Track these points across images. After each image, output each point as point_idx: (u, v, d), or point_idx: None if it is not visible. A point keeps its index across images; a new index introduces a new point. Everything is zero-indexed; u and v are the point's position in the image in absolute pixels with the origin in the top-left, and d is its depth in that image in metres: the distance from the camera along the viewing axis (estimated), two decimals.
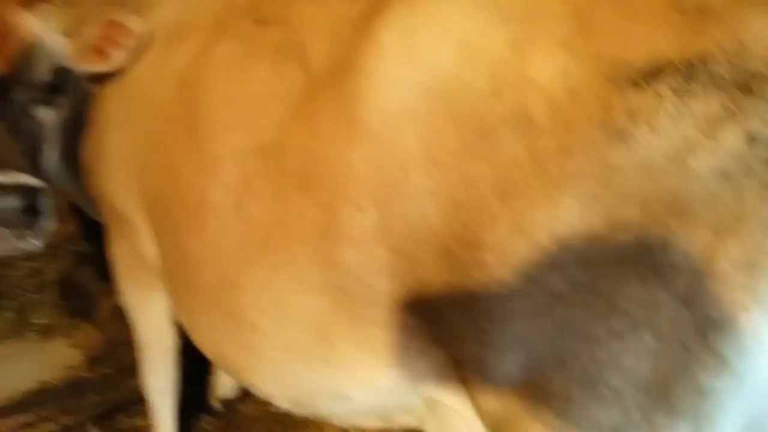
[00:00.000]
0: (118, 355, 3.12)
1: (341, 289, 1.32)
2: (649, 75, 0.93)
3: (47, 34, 1.91)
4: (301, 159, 1.36)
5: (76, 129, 2.23)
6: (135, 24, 1.88)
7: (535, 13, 1.10)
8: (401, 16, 1.21)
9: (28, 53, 1.84)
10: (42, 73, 1.87)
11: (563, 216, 0.98)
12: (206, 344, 1.73)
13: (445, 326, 1.22)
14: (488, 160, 1.08)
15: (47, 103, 1.91)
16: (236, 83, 1.52)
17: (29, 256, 3.81)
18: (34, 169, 1.76)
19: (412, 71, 1.17)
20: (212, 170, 1.50)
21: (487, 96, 1.08)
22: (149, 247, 2.01)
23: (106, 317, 3.10)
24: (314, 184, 1.33)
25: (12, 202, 1.58)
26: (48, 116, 1.92)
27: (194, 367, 2.55)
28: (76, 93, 2.17)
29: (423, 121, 1.16)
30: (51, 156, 1.93)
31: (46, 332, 3.44)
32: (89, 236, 2.93)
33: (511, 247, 1.05)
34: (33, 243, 1.71)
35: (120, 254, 2.18)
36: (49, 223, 1.71)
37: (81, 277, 3.57)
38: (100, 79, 2.02)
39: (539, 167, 1.01)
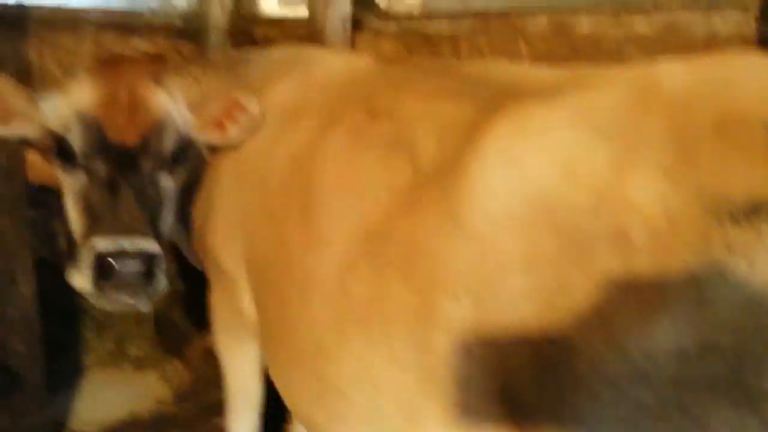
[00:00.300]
0: (205, 394, 3.29)
1: (433, 372, 1.40)
2: (750, 211, 0.98)
3: (174, 107, 2.09)
4: (403, 247, 1.47)
5: (189, 190, 2.46)
6: (252, 104, 2.08)
7: (637, 135, 1.18)
8: (506, 130, 1.31)
9: (158, 126, 2.00)
10: (168, 144, 2.02)
11: (656, 335, 1.04)
12: (295, 403, 1.84)
13: (532, 421, 1.27)
14: (585, 272, 1.15)
15: (170, 172, 2.05)
16: (347, 171, 1.67)
17: None
18: (155, 234, 1.89)
19: (514, 181, 1.27)
20: (321, 248, 1.64)
21: (586, 212, 1.16)
22: (247, 304, 2.17)
23: (196, 356, 3.28)
24: (414, 271, 1.43)
25: (133, 267, 1.70)
26: (168, 183, 2.06)
27: (274, 416, 2.67)
28: (192, 160, 2.39)
29: (523, 227, 1.25)
30: (168, 215, 2.07)
31: (140, 364, 3.67)
32: (186, 277, 3.14)
33: (602, 358, 1.11)
34: (146, 304, 1.84)
35: (219, 305, 2.36)
36: (164, 287, 1.83)
37: (175, 315, 3.81)
38: (215, 147, 2.23)
39: (635, 285, 1.08)
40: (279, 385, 1.91)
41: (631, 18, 2.02)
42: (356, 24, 3.14)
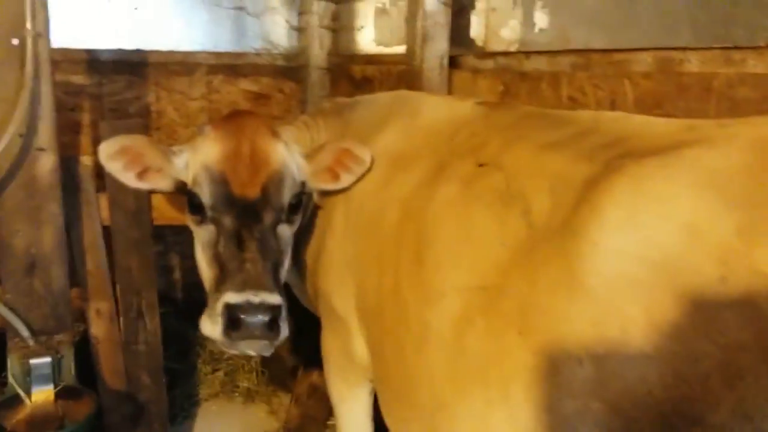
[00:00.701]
0: (311, 430, 3.39)
1: None
2: None
3: (291, 158, 2.17)
4: (519, 303, 1.47)
5: (302, 231, 2.56)
6: (364, 153, 2.16)
7: (763, 199, 1.15)
8: (626, 190, 1.30)
9: (277, 178, 2.07)
10: (286, 195, 2.08)
11: None
12: None
13: None
14: (713, 340, 1.12)
15: (288, 221, 2.11)
16: (460, 223, 1.69)
17: None
18: (277, 283, 1.94)
19: (635, 244, 1.25)
20: (436, 300, 1.67)
21: (713, 280, 1.13)
22: (359, 348, 2.22)
23: (303, 392, 3.39)
24: (532, 329, 1.43)
25: (259, 320, 1.78)
26: (287, 233, 2.12)
27: None
28: (306, 206, 2.50)
29: (646, 290, 1.23)
30: (286, 263, 2.13)
31: (250, 396, 3.83)
32: (294, 312, 3.25)
33: (729, 427, 1.08)
34: (268, 351, 1.92)
35: (331, 348, 2.42)
36: (286, 334, 1.90)
37: (281, 349, 3.95)
38: (326, 192, 2.31)
39: (766, 355, 1.05)
40: None
41: (744, 55, 1.93)
42: (453, 61, 3.18)
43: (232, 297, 1.81)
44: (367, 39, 4.10)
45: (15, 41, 2.34)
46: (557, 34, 2.62)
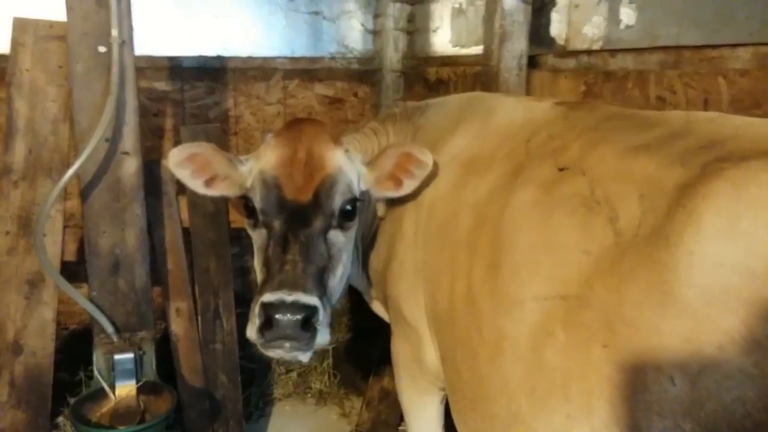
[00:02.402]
0: None
1: None
2: None
3: (349, 165, 2.12)
4: (604, 315, 1.39)
5: (370, 237, 2.54)
6: (425, 156, 2.08)
7: None
8: (727, 199, 1.19)
9: (330, 183, 2.02)
10: (338, 202, 2.02)
11: None
12: None
13: None
14: None
15: (340, 227, 2.05)
16: (539, 230, 1.61)
17: None
18: (319, 288, 1.88)
19: (737, 254, 1.15)
20: (512, 309, 1.60)
21: None
22: (430, 356, 2.17)
23: (375, 396, 3.37)
24: (618, 343, 1.34)
25: (291, 318, 1.74)
26: (338, 239, 2.05)
27: None
28: (369, 212, 2.46)
29: (747, 303, 1.13)
30: (337, 269, 2.06)
31: (321, 397, 3.85)
32: (365, 317, 3.24)
33: None
34: (304, 355, 1.86)
35: (402, 354, 2.38)
36: (324, 339, 1.84)
37: (353, 351, 3.96)
38: (392, 201, 2.26)
39: None
40: None
41: None
42: (531, 61, 3.08)
43: (267, 296, 1.78)
44: (442, 40, 4.05)
45: (102, 49, 2.43)
46: (645, 31, 2.48)
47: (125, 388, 2.55)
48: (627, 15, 2.56)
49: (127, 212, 2.59)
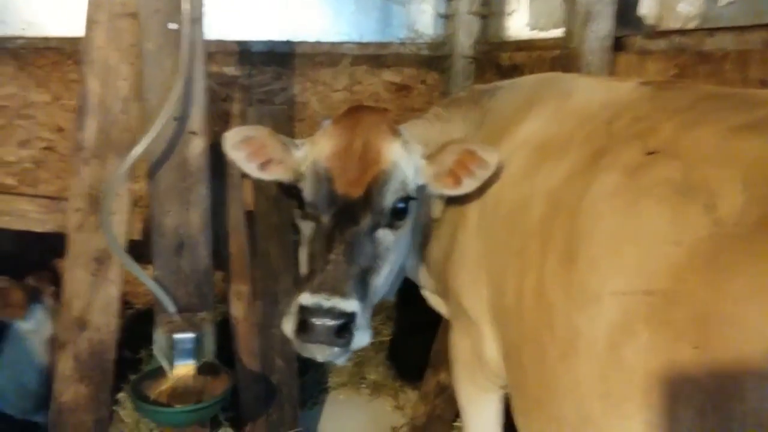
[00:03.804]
0: (437, 430, 3.27)
1: None
2: None
3: (407, 159, 2.01)
4: (696, 313, 1.24)
5: (432, 229, 2.42)
6: (491, 156, 1.94)
7: None
8: None
9: (383, 179, 1.92)
10: (390, 200, 1.93)
11: None
12: None
13: None
14: None
15: (391, 226, 1.96)
16: (623, 219, 1.47)
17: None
18: (360, 291, 1.79)
19: None
20: (588, 305, 1.47)
21: None
22: (490, 352, 2.04)
23: (431, 391, 3.27)
24: (713, 345, 1.20)
25: (327, 324, 1.67)
26: (388, 239, 1.96)
27: None
28: (425, 205, 2.33)
29: None
30: (384, 270, 1.96)
31: (376, 389, 3.79)
32: (422, 309, 3.14)
33: None
34: (340, 358, 1.80)
35: (461, 349, 2.26)
36: (361, 342, 1.77)
37: (410, 344, 3.87)
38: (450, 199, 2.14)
39: None
40: None
41: None
42: (617, 43, 2.89)
43: (305, 298, 1.71)
44: (518, 24, 3.88)
45: (172, 26, 2.42)
46: (746, 8, 2.27)
47: (184, 368, 2.54)
48: None
49: (192, 193, 2.58)
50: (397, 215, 1.97)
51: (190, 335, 2.58)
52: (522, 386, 1.77)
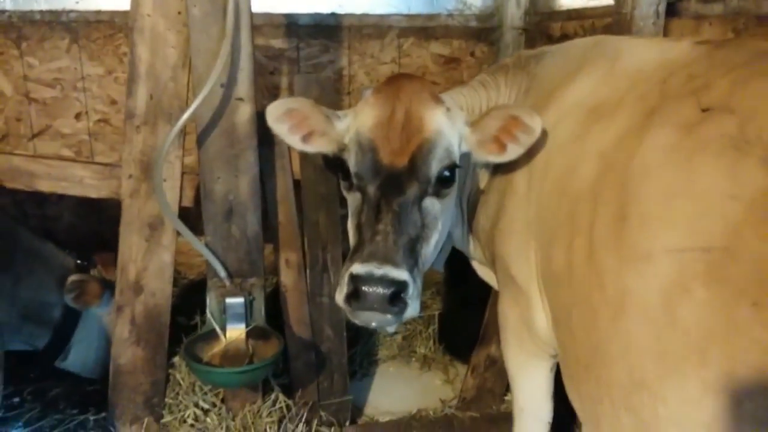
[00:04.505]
0: (487, 403, 3.26)
1: None
2: None
3: (450, 127, 2.00)
4: (755, 269, 1.20)
5: (474, 200, 2.40)
6: (535, 122, 1.92)
7: None
8: None
9: (428, 148, 1.93)
10: (435, 168, 1.94)
11: None
12: None
13: None
14: None
15: (437, 194, 1.97)
16: (677, 176, 1.42)
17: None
18: (410, 260, 1.82)
19: None
20: (641, 264, 1.43)
21: None
22: (540, 318, 2.02)
23: (480, 364, 3.25)
24: None
25: (379, 293, 1.69)
26: (435, 207, 1.97)
27: None
28: (471, 173, 2.33)
29: None
30: (432, 238, 1.98)
31: (425, 362, 3.80)
32: (471, 282, 3.13)
33: None
34: (391, 326, 1.84)
35: (510, 317, 2.23)
36: (413, 312, 1.79)
37: (460, 319, 3.85)
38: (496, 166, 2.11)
39: None
40: (582, 415, 1.72)
41: None
42: (670, 8, 2.78)
43: (356, 267, 1.74)
44: None
45: None
46: None
47: (235, 331, 2.61)
48: None
49: (240, 159, 2.62)
50: (443, 183, 1.98)
51: (240, 300, 2.63)
52: (571, 351, 1.75)
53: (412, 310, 1.79)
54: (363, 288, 1.71)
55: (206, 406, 2.88)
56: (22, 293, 2.90)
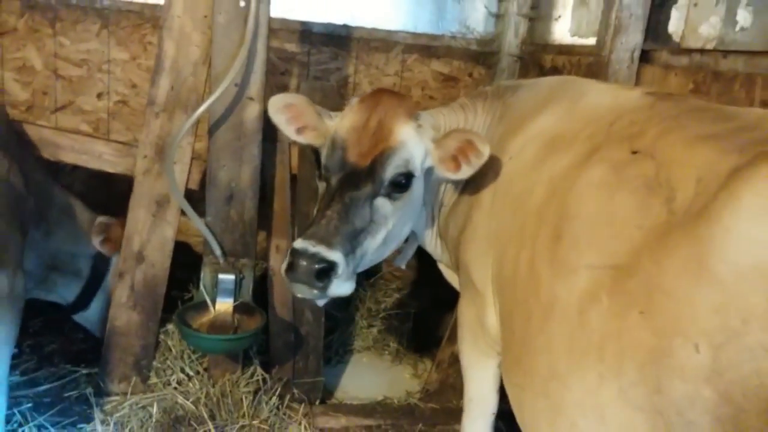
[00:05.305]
0: (448, 397, 3.54)
1: (661, 415, 1.41)
2: None
3: (416, 140, 2.27)
4: (646, 286, 1.49)
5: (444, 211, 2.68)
6: (484, 146, 2.19)
7: None
8: (765, 179, 1.28)
9: (387, 155, 2.20)
10: (389, 173, 2.19)
11: None
12: (527, 424, 1.90)
13: None
14: None
15: (387, 196, 2.21)
16: (602, 205, 1.71)
17: (398, 289, 4.59)
18: (347, 246, 2.07)
19: None
20: (567, 276, 1.72)
21: None
22: (492, 319, 2.30)
23: (445, 360, 3.55)
24: (654, 311, 1.45)
25: (306, 266, 1.96)
26: (385, 207, 2.22)
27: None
28: (436, 185, 2.59)
29: None
30: (378, 234, 2.22)
31: (397, 356, 4.08)
32: (444, 286, 3.42)
33: None
34: (320, 300, 2.14)
35: (467, 316, 2.54)
36: (340, 291, 2.06)
37: (432, 318, 4.15)
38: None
39: None
40: (513, 403, 1.99)
41: None
42: (645, 56, 3.09)
43: (297, 243, 2.03)
44: (562, 29, 4.08)
45: (242, 3, 2.75)
46: (760, 34, 2.46)
47: (224, 305, 2.90)
48: (744, 17, 2.53)
49: (245, 151, 2.92)
50: (395, 187, 2.23)
51: (231, 276, 2.93)
52: (509, 346, 2.04)
53: (337, 288, 2.05)
54: (297, 261, 1.99)
55: (191, 373, 3.15)
56: (51, 245, 3.10)
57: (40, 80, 4.10)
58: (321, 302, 2.17)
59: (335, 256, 2.02)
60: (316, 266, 1.98)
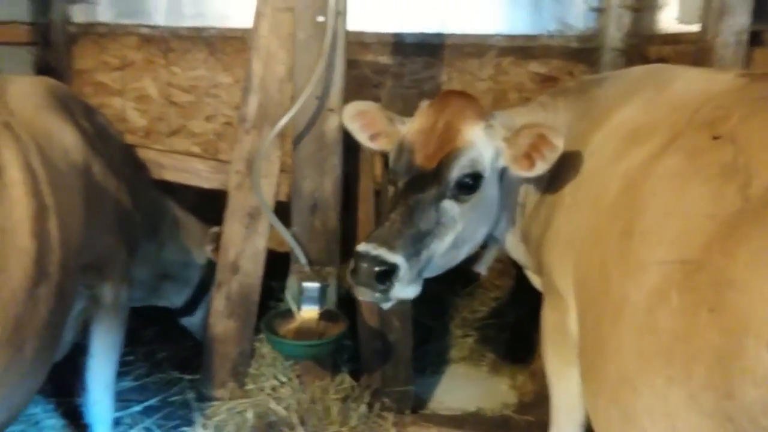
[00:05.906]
0: (545, 409, 3.36)
1: (732, 422, 1.27)
2: None
3: (485, 142, 2.20)
4: (716, 281, 1.34)
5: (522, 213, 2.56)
6: (558, 141, 2.09)
7: None
8: None
9: (454, 156, 2.15)
10: (456, 174, 2.14)
11: None
12: (600, 430, 1.79)
13: None
14: None
15: (454, 198, 2.16)
16: (673, 197, 1.57)
17: (495, 299, 4.46)
18: (410, 249, 2.04)
19: None
20: (636, 273, 1.59)
21: None
22: (574, 325, 2.17)
23: (539, 370, 3.38)
24: (725, 308, 1.29)
25: (367, 268, 1.96)
26: (453, 210, 2.16)
27: None
28: (515, 186, 2.48)
29: None
30: (446, 237, 2.15)
31: (494, 367, 3.96)
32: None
33: None
34: (383, 303, 2.14)
35: (549, 322, 2.40)
36: (402, 294, 2.04)
37: (531, 328, 3.97)
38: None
39: None
40: (589, 411, 1.87)
41: None
42: (754, 37, 2.81)
43: (361, 245, 2.02)
44: (668, 17, 3.82)
45: (320, 18, 2.82)
46: None
47: (309, 312, 2.95)
48: None
49: (327, 162, 2.98)
50: (462, 189, 2.17)
51: (316, 284, 2.98)
52: (583, 351, 1.91)
53: (399, 291, 2.03)
54: (358, 263, 2.00)
55: (284, 379, 3.24)
56: (165, 256, 3.36)
57: (155, 108, 4.45)
58: (386, 306, 2.17)
59: (396, 258, 2.01)
60: (377, 269, 1.98)
